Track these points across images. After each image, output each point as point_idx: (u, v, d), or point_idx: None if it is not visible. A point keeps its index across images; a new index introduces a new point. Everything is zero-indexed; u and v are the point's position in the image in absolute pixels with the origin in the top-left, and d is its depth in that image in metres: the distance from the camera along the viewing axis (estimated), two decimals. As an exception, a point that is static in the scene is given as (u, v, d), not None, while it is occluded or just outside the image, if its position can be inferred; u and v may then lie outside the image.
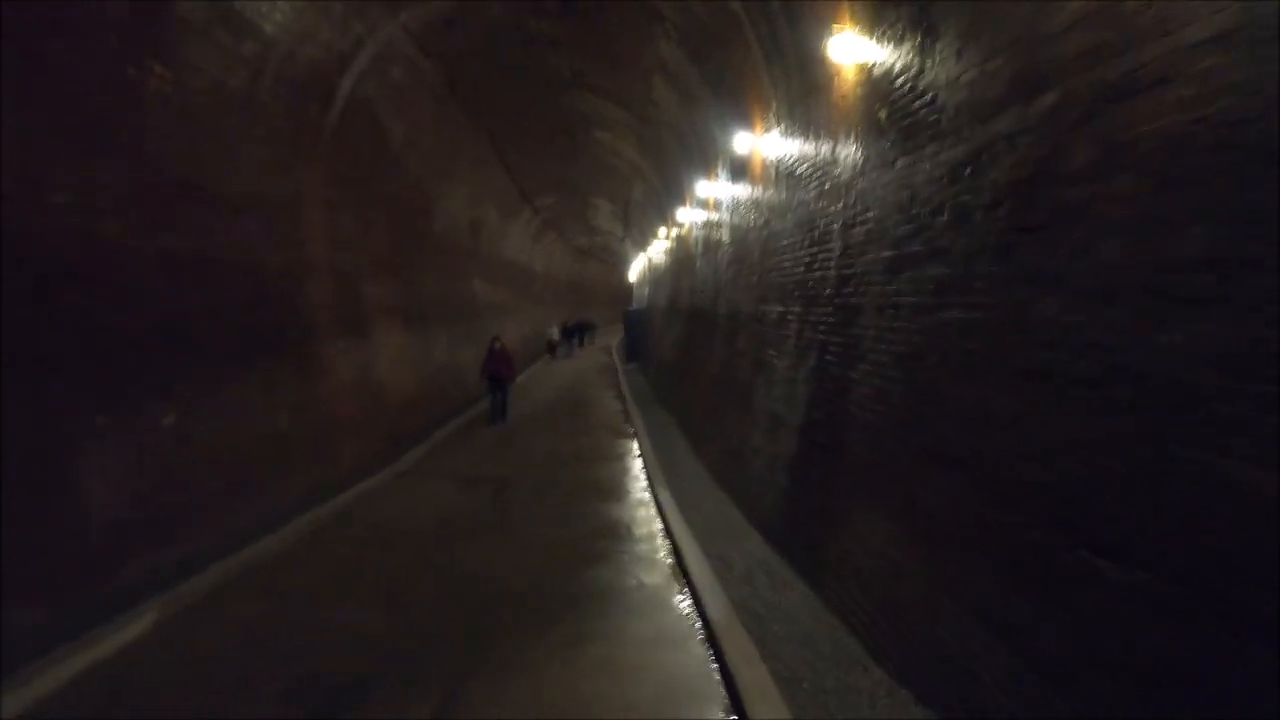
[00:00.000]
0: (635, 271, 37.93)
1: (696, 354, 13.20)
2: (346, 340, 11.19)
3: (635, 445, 12.06)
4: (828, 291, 5.88)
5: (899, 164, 4.61)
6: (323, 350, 10.34)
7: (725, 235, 10.93)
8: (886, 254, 4.73)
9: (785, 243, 7.41)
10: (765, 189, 8.38)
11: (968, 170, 3.71)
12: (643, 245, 28.95)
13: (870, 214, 5.07)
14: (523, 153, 19.95)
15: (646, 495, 8.82)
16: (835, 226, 5.81)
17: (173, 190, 6.73)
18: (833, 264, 5.81)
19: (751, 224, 9.04)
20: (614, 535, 7.20)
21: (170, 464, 6.37)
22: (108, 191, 5.87)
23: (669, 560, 6.46)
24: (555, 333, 31.18)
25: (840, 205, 5.69)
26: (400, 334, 13.66)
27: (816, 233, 6.28)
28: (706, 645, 4.78)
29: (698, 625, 5.09)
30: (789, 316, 7.05)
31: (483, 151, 18.12)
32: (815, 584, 5.34)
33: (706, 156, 12.28)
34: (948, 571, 3.67)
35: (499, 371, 14.49)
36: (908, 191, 4.44)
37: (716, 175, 11.66)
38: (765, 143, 8.29)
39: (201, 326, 7.12)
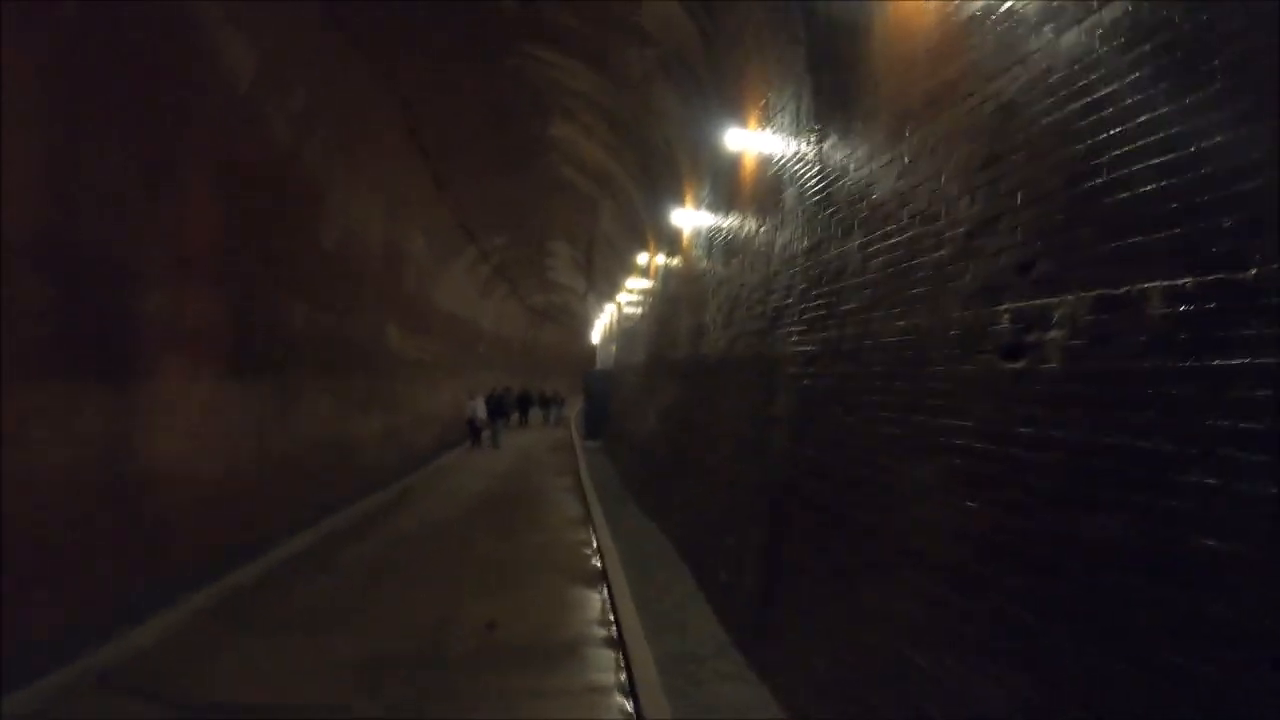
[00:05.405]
0: (599, 330, 32.86)
1: (722, 437, 7.75)
2: (71, 390, 5.77)
3: (611, 617, 6.31)
4: None
5: None
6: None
7: (796, 204, 5.82)
8: None
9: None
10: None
11: None
12: (609, 295, 23.92)
13: None
14: (458, 164, 15.04)
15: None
16: None
17: None
18: None
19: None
20: None
21: None
22: None
23: None
24: (479, 408, 20.92)
25: None
26: (217, 384, 8.03)
27: None
28: None
29: None
30: None
31: (400, 144, 13.07)
32: None
33: (739, 99, 7.35)
34: None
35: None
36: None
37: (764, 119, 6.69)
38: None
39: None
